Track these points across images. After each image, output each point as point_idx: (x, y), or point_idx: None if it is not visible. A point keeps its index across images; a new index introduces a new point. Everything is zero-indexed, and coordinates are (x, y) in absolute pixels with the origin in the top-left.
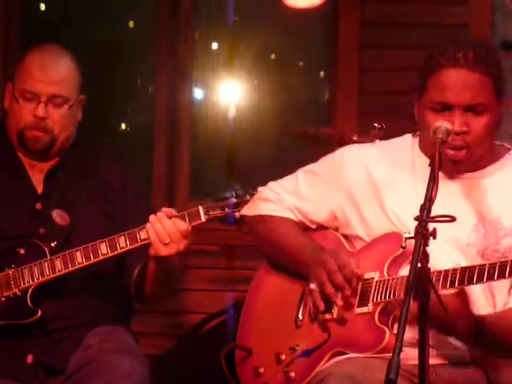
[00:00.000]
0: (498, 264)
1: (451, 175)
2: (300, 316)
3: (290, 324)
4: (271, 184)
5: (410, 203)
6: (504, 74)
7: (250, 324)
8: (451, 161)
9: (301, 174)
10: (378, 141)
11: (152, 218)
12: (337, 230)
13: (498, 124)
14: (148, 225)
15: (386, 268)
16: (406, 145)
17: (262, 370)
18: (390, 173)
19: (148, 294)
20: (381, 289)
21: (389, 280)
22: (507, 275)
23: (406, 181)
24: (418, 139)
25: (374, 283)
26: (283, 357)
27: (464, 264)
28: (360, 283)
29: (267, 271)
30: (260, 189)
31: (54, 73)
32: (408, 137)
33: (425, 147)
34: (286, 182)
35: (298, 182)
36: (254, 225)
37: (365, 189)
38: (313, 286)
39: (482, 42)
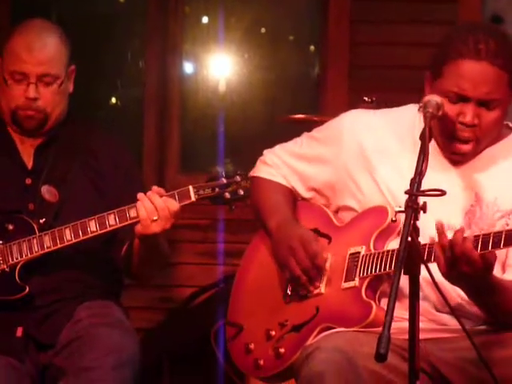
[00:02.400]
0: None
1: (453, 162)
2: (289, 291)
3: (280, 299)
4: (277, 147)
5: (406, 176)
6: None
7: (241, 300)
8: (457, 154)
9: (305, 138)
10: (386, 109)
11: (141, 195)
12: (327, 201)
13: (507, 115)
14: (138, 202)
15: (372, 242)
16: (410, 116)
17: (252, 346)
18: (388, 143)
19: (135, 270)
20: (367, 263)
21: (375, 254)
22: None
23: (405, 153)
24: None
25: (361, 257)
26: (273, 333)
27: None
28: (348, 256)
29: (257, 247)
30: (265, 151)
31: (41, 52)
32: (412, 108)
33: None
34: (291, 144)
35: (302, 146)
36: (253, 186)
37: (360, 158)
38: (287, 275)
39: (498, 31)
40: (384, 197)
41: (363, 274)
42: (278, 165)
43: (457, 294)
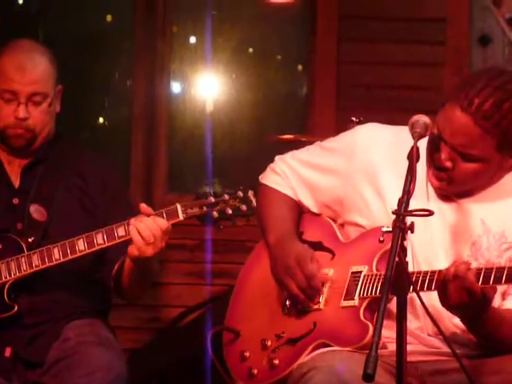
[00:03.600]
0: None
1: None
2: (287, 304)
3: (278, 310)
4: (288, 155)
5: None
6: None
7: (240, 306)
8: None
9: (318, 147)
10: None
11: (132, 220)
12: (335, 215)
13: (494, 169)
14: (131, 227)
15: (375, 263)
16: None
17: (247, 354)
18: (398, 162)
19: (127, 290)
20: (368, 283)
21: (376, 275)
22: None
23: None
24: None
25: (362, 277)
26: (269, 343)
27: None
28: (349, 275)
29: (260, 254)
30: (276, 158)
31: (31, 72)
32: None
33: None
34: (304, 153)
35: (314, 155)
36: (260, 192)
37: (370, 175)
38: (288, 302)
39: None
40: (390, 217)
41: (363, 294)
42: (288, 175)
43: (451, 321)
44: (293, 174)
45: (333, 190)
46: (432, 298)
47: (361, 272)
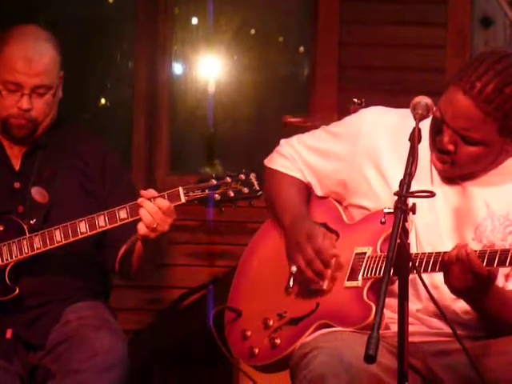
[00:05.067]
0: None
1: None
2: (291, 283)
3: (281, 290)
4: (294, 139)
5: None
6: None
7: (243, 285)
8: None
9: (322, 132)
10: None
11: (143, 200)
12: (340, 198)
13: (498, 153)
14: (141, 209)
15: (379, 244)
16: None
17: (249, 333)
18: (403, 146)
19: (135, 271)
20: (372, 264)
21: (380, 256)
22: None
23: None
24: None
25: (366, 258)
26: (271, 322)
27: None
28: (353, 256)
29: (265, 235)
30: (282, 141)
31: (38, 64)
32: None
33: None
34: (309, 137)
35: (319, 140)
36: (267, 176)
37: (375, 159)
38: (294, 268)
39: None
40: (394, 199)
41: (367, 274)
42: (295, 158)
43: (454, 303)
44: (299, 158)
45: (337, 174)
46: (435, 279)
47: (365, 253)
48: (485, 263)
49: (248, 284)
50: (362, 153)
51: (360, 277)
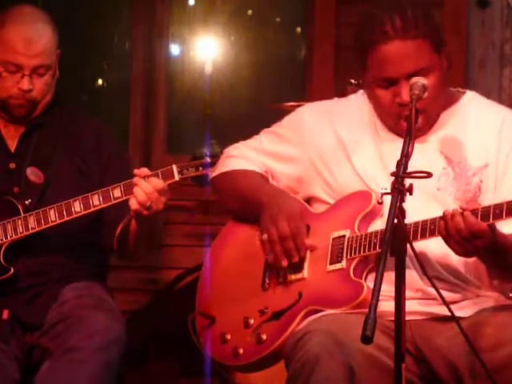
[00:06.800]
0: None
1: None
2: (267, 279)
3: (257, 287)
4: (236, 144)
5: (377, 162)
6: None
7: (213, 289)
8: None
9: (264, 135)
10: (336, 98)
11: (137, 179)
12: (294, 192)
13: (445, 76)
14: (135, 187)
15: (356, 225)
16: (356, 103)
17: (228, 336)
18: (354, 132)
19: (131, 251)
20: (354, 244)
21: (362, 235)
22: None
23: (370, 141)
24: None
25: (346, 240)
26: (252, 321)
27: (437, 209)
28: (331, 241)
29: (227, 237)
30: (226, 150)
31: (37, 45)
32: (354, 97)
33: (380, 116)
34: (251, 141)
35: (263, 143)
36: (217, 184)
37: (332, 148)
38: (265, 236)
39: (404, 2)
40: (362, 181)
41: (350, 255)
42: (248, 156)
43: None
44: (252, 157)
45: (287, 173)
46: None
47: (343, 236)
48: (479, 218)
49: (218, 287)
50: (311, 145)
51: (343, 259)
